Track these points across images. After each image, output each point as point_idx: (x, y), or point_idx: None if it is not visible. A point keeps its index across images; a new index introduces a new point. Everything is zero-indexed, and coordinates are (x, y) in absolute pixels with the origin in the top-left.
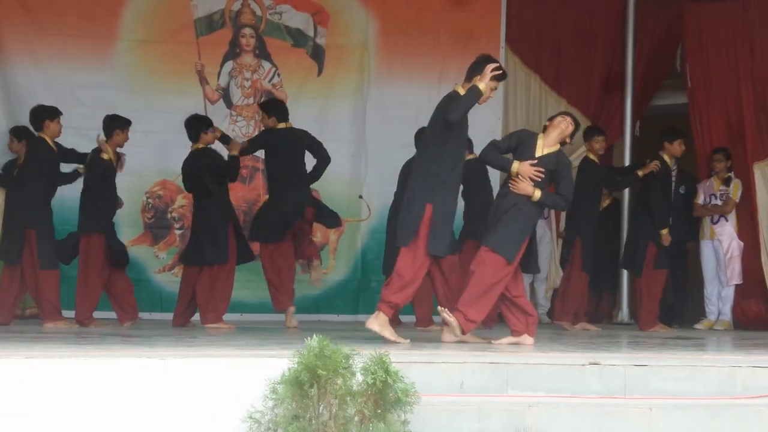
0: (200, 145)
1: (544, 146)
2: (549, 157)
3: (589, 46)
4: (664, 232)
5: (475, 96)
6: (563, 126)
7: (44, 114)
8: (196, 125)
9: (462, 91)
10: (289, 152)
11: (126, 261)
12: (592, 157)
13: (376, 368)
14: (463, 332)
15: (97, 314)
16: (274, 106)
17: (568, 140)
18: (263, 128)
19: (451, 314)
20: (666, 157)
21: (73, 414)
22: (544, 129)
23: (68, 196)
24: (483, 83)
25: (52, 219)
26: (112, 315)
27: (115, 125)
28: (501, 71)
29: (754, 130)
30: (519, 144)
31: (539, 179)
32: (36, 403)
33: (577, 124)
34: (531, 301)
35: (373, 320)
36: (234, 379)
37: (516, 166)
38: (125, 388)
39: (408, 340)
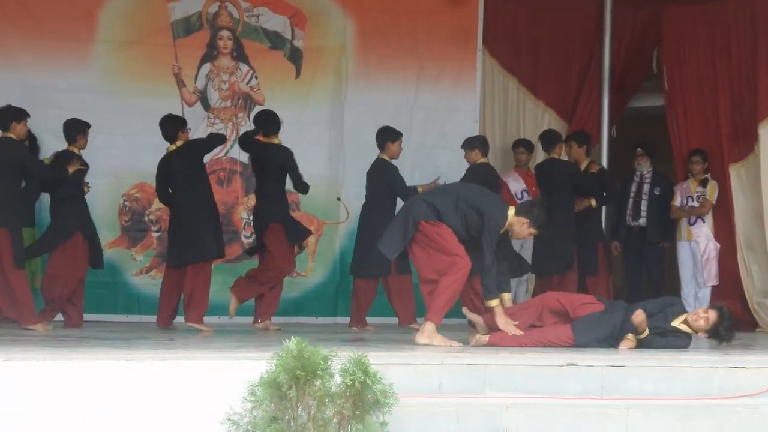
0: (179, 143)
1: None
2: None
3: (567, 48)
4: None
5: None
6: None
7: (11, 114)
8: (173, 125)
9: (509, 216)
10: (267, 168)
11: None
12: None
13: (354, 370)
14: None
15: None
16: (262, 118)
17: None
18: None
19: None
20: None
21: (50, 417)
22: None
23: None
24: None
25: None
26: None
27: (78, 129)
28: (541, 224)
29: (731, 132)
30: None
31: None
32: (13, 405)
33: None
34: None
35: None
36: (212, 381)
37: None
38: (103, 390)
39: (460, 343)
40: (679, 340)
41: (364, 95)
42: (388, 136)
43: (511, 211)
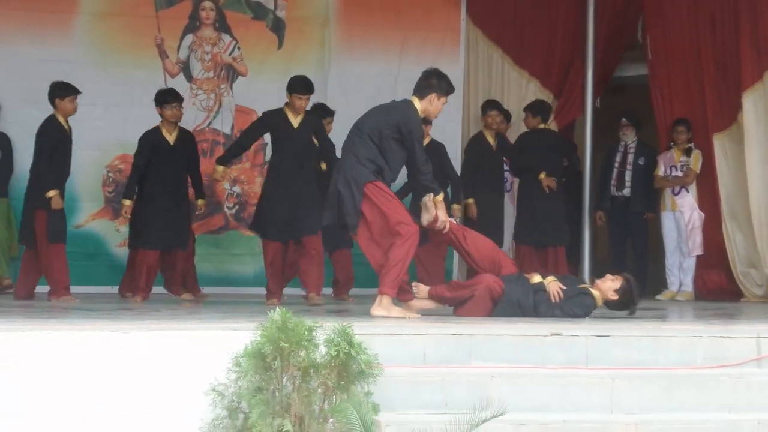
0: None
1: None
2: None
3: (551, 18)
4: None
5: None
6: None
7: (55, 91)
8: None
9: (417, 105)
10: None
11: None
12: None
13: (339, 340)
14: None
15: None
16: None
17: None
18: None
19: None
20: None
21: (35, 387)
22: None
23: None
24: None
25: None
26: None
27: (55, 93)
28: (451, 87)
29: (715, 101)
30: None
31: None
32: None
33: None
34: None
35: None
36: (197, 352)
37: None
38: (88, 361)
39: (418, 315)
40: (586, 298)
41: (347, 66)
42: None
43: (415, 100)
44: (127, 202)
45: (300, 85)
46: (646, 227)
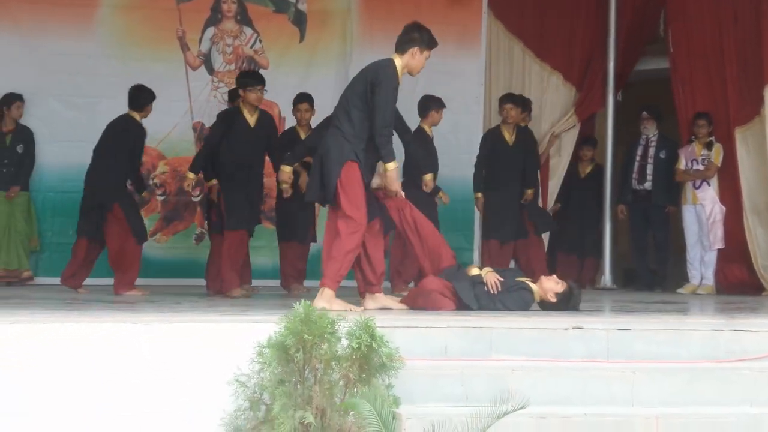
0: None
1: None
2: None
3: (572, 11)
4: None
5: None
6: None
7: (146, 95)
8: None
9: (398, 61)
10: None
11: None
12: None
13: (361, 333)
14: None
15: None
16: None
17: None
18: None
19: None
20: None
21: (58, 379)
22: None
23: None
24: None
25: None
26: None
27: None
28: (433, 40)
29: (737, 95)
30: None
31: None
32: (19, 368)
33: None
34: None
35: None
36: (220, 343)
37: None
38: (110, 353)
39: (359, 307)
40: (524, 294)
41: (368, 58)
42: (434, 104)
43: (396, 57)
44: (191, 176)
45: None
46: (668, 220)
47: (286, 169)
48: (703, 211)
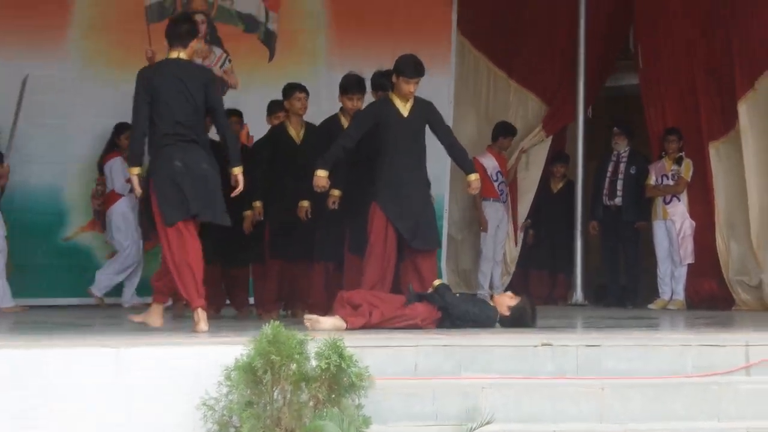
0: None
1: None
2: None
3: (542, 27)
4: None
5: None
6: None
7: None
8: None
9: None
10: None
11: None
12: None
13: (330, 353)
14: None
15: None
16: None
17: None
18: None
19: None
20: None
21: (26, 403)
22: None
23: None
24: None
25: None
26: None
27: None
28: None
29: (709, 110)
30: None
31: None
32: None
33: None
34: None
35: None
36: (187, 366)
37: None
38: (78, 377)
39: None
40: (486, 310)
41: (338, 76)
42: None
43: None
44: (336, 193)
45: (408, 67)
46: (638, 236)
47: (323, 174)
48: (673, 226)
